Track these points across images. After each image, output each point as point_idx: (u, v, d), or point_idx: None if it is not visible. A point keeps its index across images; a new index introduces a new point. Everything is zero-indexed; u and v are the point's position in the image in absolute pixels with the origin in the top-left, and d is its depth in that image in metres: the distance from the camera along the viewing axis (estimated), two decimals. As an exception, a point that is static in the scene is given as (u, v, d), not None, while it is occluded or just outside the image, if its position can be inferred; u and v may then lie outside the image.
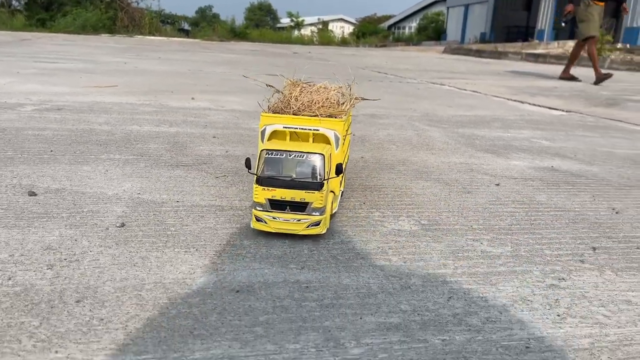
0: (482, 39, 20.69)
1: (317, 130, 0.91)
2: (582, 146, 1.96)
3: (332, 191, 0.91)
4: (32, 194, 1.02)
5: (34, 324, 0.58)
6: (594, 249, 0.91)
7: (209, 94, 2.86)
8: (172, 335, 0.57)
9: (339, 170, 0.87)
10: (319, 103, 0.96)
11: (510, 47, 14.16)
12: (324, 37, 23.04)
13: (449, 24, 25.40)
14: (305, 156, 0.85)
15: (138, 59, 5.52)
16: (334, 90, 1.02)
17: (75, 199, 1.01)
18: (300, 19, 32.10)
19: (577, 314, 0.68)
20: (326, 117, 0.93)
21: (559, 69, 8.64)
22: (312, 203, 0.84)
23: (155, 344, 0.56)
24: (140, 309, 0.63)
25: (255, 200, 0.86)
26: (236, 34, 21.81)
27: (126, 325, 0.59)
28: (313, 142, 0.92)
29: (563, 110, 3.07)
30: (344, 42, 22.73)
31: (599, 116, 2.90)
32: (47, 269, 0.71)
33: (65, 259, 0.74)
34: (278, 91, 1.01)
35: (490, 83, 4.81)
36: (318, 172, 0.85)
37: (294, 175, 0.85)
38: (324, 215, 0.86)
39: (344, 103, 1.01)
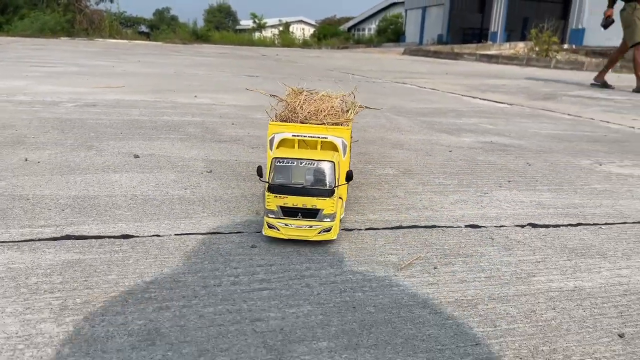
0: (440, 41, 21.51)
1: (325, 138, 0.93)
2: (516, 128, 2.52)
3: (340, 197, 0.94)
4: (136, 156, 1.49)
5: (198, 212, 1.07)
6: (509, 181, 1.45)
7: (206, 93, 3.32)
8: (275, 212, 1.07)
9: (349, 177, 0.89)
10: (325, 111, 0.98)
11: (466, 48, 14.94)
12: (286, 39, 23.41)
13: (407, 26, 26.21)
14: (315, 164, 0.87)
15: (121, 62, 5.89)
16: (338, 98, 1.05)
17: (167, 159, 1.48)
18: (263, 21, 32.37)
19: (491, 206, 1.21)
20: (333, 124, 0.96)
21: (508, 68, 9.37)
22: (323, 210, 0.87)
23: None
24: (251, 204, 1.12)
25: (267, 207, 0.88)
26: (198, 37, 21.95)
27: (252, 207, 1.09)
28: (320, 149, 0.94)
29: (507, 103, 3.66)
30: (305, 44, 23.15)
31: (536, 108, 3.50)
32: (184, 190, 1.20)
33: (190, 186, 1.23)
34: (282, 100, 1.04)
35: (447, 82, 5.41)
36: (328, 179, 0.87)
37: (305, 183, 0.87)
38: (335, 221, 0.89)
39: (348, 111, 1.05)
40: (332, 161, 0.87)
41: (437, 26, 22.87)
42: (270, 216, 0.88)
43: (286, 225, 0.88)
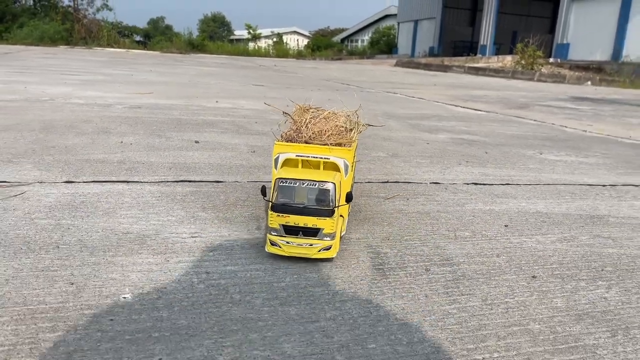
0: (431, 53, 22.19)
1: (327, 158, 0.96)
2: (486, 130, 3.09)
3: (341, 215, 0.97)
4: (197, 142, 2.04)
5: (255, 172, 1.62)
6: (467, 161, 2.02)
7: (225, 99, 3.87)
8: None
9: (349, 197, 0.92)
10: (329, 132, 1.01)
11: (455, 60, 15.60)
12: (280, 50, 23.99)
13: (400, 38, 26.95)
14: (317, 184, 0.90)
15: (137, 72, 6.44)
16: (342, 116, 1.10)
17: (220, 144, 2.03)
18: (257, 32, 32.99)
19: (450, 173, 1.77)
20: (336, 145, 0.98)
21: (493, 80, 9.98)
22: (323, 229, 0.90)
23: (302, 174, 1.62)
24: (288, 169, 1.68)
25: (270, 225, 0.92)
26: (194, 46, 22.51)
27: (288, 171, 1.64)
28: (323, 169, 0.97)
29: (484, 111, 4.23)
30: (300, 55, 23.73)
31: (509, 115, 4.07)
32: (241, 161, 1.75)
33: (243, 159, 1.78)
34: (291, 118, 1.10)
35: (434, 92, 6.00)
36: (329, 199, 0.90)
37: (307, 202, 0.90)
38: (335, 240, 0.92)
39: (351, 130, 1.08)
40: (333, 182, 0.91)
41: (429, 39, 23.58)
42: (273, 234, 0.92)
43: (288, 242, 0.91)
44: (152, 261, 0.89)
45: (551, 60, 15.69)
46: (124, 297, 0.76)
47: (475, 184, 1.65)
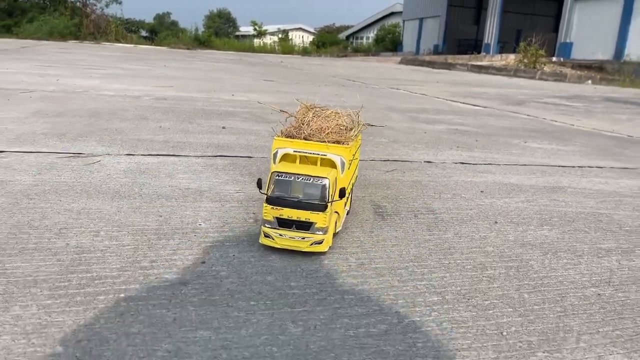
0: (436, 51, 22.41)
1: (324, 155, 0.99)
2: (480, 122, 3.40)
3: (336, 212, 0.99)
4: (224, 127, 2.36)
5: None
6: (458, 147, 2.33)
7: (240, 92, 4.19)
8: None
9: (342, 194, 0.94)
10: (328, 129, 1.04)
11: (459, 58, 15.85)
12: (286, 47, 24.24)
13: (405, 36, 27.19)
14: (312, 179, 0.93)
15: (152, 67, 6.76)
16: (345, 116, 1.12)
17: (243, 130, 2.35)
18: (263, 29, 33.24)
19: (442, 155, 2.08)
20: (333, 143, 1.01)
21: (496, 78, 10.25)
22: (316, 223, 0.93)
23: (317, 153, 1.93)
24: (305, 149, 2.00)
25: (265, 217, 0.95)
26: (201, 42, 22.82)
27: (305, 151, 1.96)
28: (320, 165, 1.00)
29: (482, 107, 4.53)
30: (305, 52, 24.00)
31: (505, 110, 4.37)
32: (264, 143, 2.06)
33: (266, 141, 2.10)
34: (291, 115, 1.14)
35: (437, 89, 6.29)
36: (323, 194, 0.93)
37: (301, 197, 0.93)
38: (327, 235, 0.94)
39: (352, 129, 1.11)
40: (327, 178, 0.94)
41: (434, 36, 23.81)
42: (267, 226, 0.95)
43: (281, 235, 0.94)
44: (212, 206, 1.21)
45: (554, 59, 15.91)
46: (200, 224, 1.08)
47: (462, 163, 1.96)
